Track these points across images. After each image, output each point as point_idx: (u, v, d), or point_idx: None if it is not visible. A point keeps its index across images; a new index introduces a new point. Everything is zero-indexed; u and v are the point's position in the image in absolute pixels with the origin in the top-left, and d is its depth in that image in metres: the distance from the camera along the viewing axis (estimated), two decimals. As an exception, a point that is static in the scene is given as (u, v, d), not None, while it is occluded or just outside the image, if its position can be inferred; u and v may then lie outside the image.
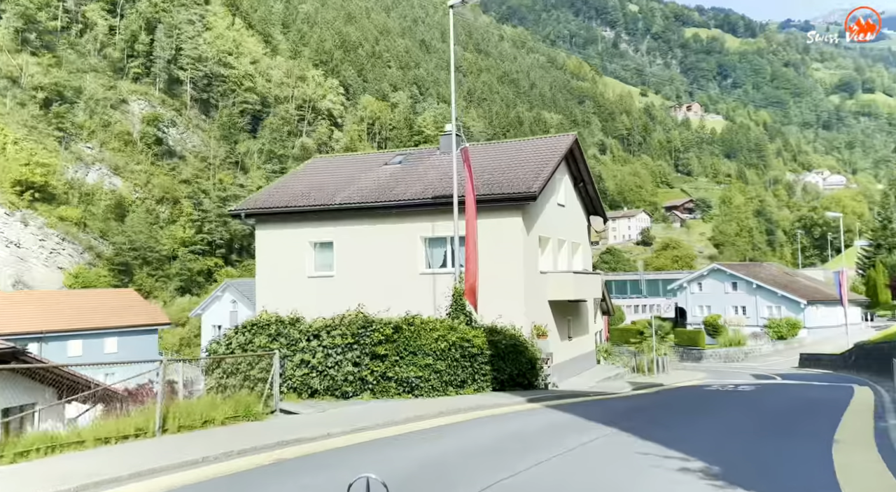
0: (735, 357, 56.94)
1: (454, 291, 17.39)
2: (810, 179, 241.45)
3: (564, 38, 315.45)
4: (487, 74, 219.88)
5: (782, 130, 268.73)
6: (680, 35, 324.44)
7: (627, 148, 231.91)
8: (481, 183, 21.57)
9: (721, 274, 64.07)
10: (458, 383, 15.83)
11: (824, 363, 44.13)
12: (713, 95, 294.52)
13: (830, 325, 61.11)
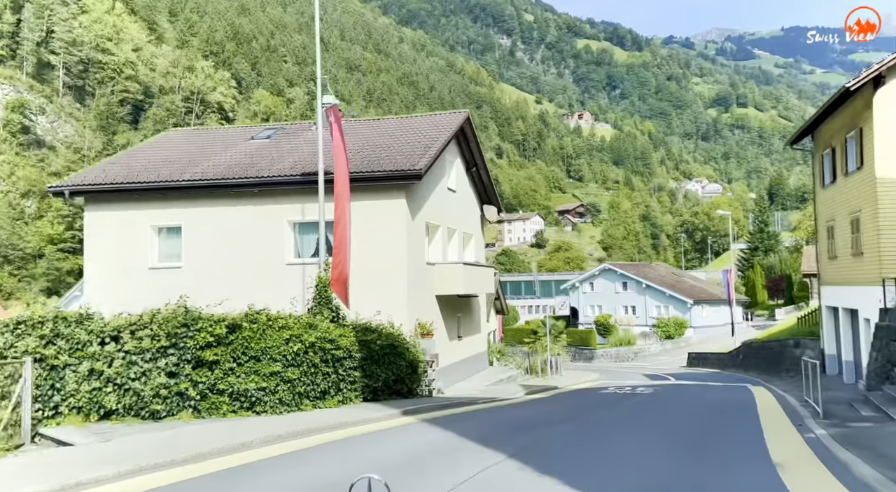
0: (625, 357, 56.45)
1: (318, 281, 14.20)
2: (691, 187, 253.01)
3: (463, 43, 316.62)
4: (387, 75, 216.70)
5: (666, 140, 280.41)
6: (572, 46, 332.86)
7: (523, 153, 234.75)
8: (360, 159, 18.50)
9: (612, 274, 63.81)
10: (317, 395, 12.67)
11: (712, 362, 43.81)
12: (603, 105, 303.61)
13: (715, 324, 61.96)
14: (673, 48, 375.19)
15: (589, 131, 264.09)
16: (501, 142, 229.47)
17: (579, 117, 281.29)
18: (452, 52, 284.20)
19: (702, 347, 54.59)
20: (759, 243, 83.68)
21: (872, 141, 20.21)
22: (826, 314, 26.39)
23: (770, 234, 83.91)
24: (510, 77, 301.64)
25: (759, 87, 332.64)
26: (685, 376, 36.36)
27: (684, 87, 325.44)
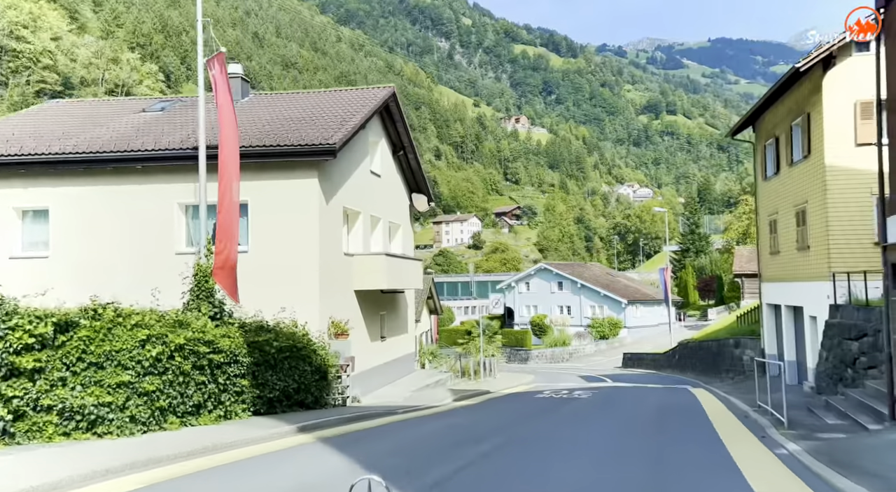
0: (560, 357, 55.11)
1: (196, 270, 11.61)
2: (623, 191, 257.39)
3: (402, 45, 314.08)
4: (324, 74, 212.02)
5: (599, 145, 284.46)
6: (509, 51, 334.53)
7: (461, 155, 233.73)
8: (266, 133, 15.94)
9: (548, 273, 62.53)
10: (187, 409, 10.13)
11: (647, 363, 42.70)
12: (539, 110, 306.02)
13: (648, 324, 61.40)
14: (606, 56, 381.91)
15: (525, 135, 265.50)
16: (440, 143, 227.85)
17: (516, 121, 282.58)
18: (391, 54, 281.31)
19: (636, 347, 53.74)
20: (691, 245, 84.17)
21: (822, 126, 18.88)
22: (767, 312, 25.19)
23: (701, 235, 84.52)
24: (449, 80, 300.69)
25: (687, 96, 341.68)
26: (622, 377, 34.94)
27: (617, 93, 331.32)
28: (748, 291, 56.33)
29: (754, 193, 26.34)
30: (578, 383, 29.48)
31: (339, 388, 15.19)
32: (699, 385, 26.23)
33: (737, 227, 65.43)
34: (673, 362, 37.61)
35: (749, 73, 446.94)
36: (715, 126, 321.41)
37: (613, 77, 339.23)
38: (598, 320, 58.26)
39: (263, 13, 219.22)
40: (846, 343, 16.28)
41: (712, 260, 78.02)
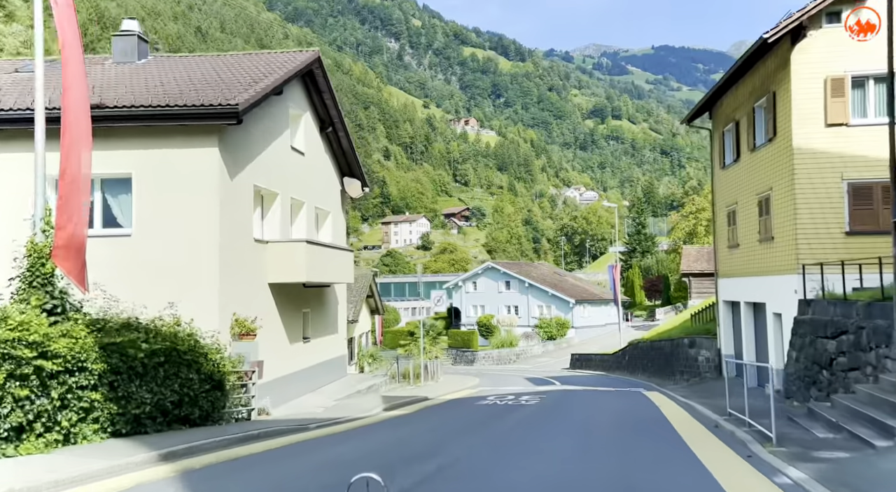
0: (507, 359, 53.19)
1: (29, 249, 8.87)
2: (570, 193, 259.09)
3: (351, 44, 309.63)
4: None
5: (547, 148, 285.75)
6: (459, 53, 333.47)
7: (410, 156, 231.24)
8: (157, 95, 13.21)
9: (495, 273, 60.62)
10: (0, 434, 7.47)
11: (596, 364, 41.03)
12: (488, 112, 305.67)
13: (596, 324, 60.07)
14: (554, 60, 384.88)
15: (475, 137, 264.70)
16: (389, 143, 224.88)
17: (465, 123, 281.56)
18: (340, 53, 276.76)
19: (584, 347, 52.22)
20: (637, 245, 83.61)
21: (789, 105, 17.14)
22: (724, 310, 23.52)
23: (647, 236, 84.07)
24: (398, 81, 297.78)
25: (632, 101, 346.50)
26: (570, 379, 33.05)
27: (564, 98, 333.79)
28: (696, 291, 55.47)
29: (711, 184, 24.66)
30: (525, 386, 27.38)
31: (243, 398, 12.61)
32: (653, 388, 24.42)
33: (683, 226, 64.85)
34: (623, 363, 35.94)
35: (691, 81, 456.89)
36: (658, 131, 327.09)
37: (561, 81, 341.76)
38: (546, 320, 56.58)
39: (207, 8, 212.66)
40: (821, 342, 14.49)
41: (658, 260, 77.48)
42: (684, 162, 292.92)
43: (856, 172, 16.72)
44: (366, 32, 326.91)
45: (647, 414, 14.89)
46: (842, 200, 16.76)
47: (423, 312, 74.11)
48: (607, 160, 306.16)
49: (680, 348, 26.17)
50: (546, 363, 49.89)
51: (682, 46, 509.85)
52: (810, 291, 16.12)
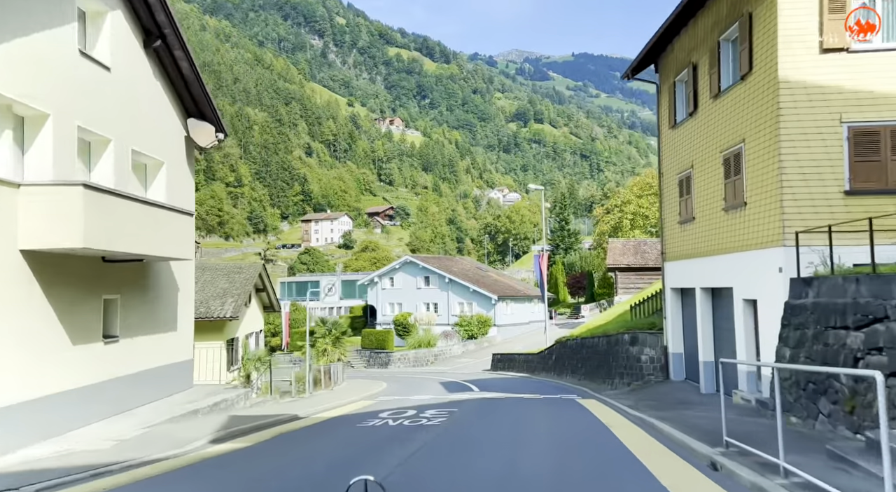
0: (425, 360, 48.30)
1: None
2: (493, 195, 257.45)
3: (273, 40, 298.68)
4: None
5: (471, 150, 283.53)
6: (384, 53, 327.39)
7: (334, 154, 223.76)
8: None
9: (414, 267, 55.63)
10: None
11: (519, 365, 36.61)
12: (413, 113, 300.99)
13: (520, 322, 55.98)
14: (478, 64, 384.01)
15: (400, 137, 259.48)
16: (311, 140, 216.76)
17: (391, 123, 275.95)
18: (261, 48, 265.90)
19: (507, 347, 47.91)
20: (560, 242, 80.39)
21: (774, 25, 12.83)
22: (672, 300, 19.25)
23: (570, 232, 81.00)
24: (322, 78, 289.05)
25: (553, 106, 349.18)
26: (491, 383, 28.36)
27: (488, 101, 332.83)
28: (623, 286, 52.07)
29: (658, 149, 20.35)
30: (437, 394, 22.45)
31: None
32: (588, 394, 19.93)
33: (608, 220, 61.71)
34: (549, 364, 31.58)
35: (609, 88, 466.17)
36: (578, 135, 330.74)
37: (485, 84, 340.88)
38: (466, 318, 52.00)
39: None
40: (835, 335, 10.14)
41: (582, 256, 74.40)
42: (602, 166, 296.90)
43: (858, 113, 12.54)
44: (288, 29, 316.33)
45: (596, 441, 10.15)
46: (840, 148, 12.56)
47: (342, 312, 68.35)
48: (530, 163, 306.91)
49: (619, 346, 21.80)
50: (466, 365, 45.29)
51: (600, 54, 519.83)
52: (806, 266, 11.82)
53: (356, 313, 61.12)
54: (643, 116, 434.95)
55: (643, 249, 52.54)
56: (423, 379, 33.79)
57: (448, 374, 37.78)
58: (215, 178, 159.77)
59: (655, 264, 52.16)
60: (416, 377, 35.96)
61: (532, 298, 57.55)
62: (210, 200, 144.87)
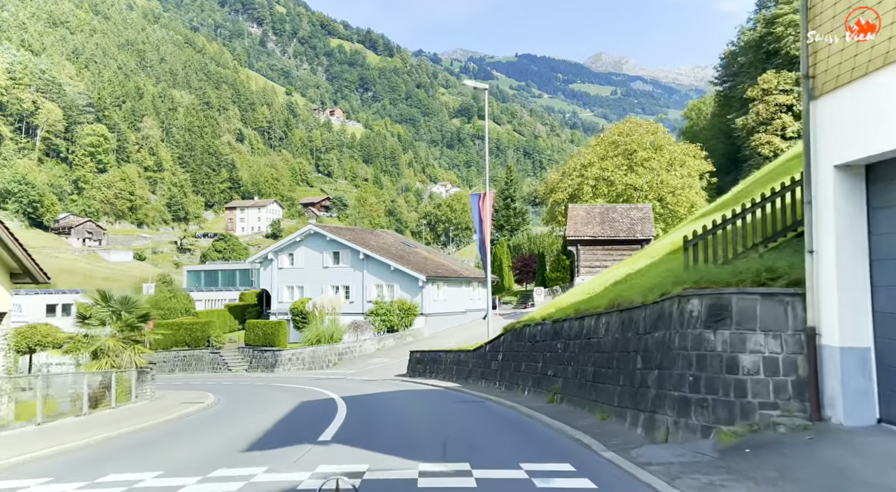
0: (325, 360, 34.70)
1: None
2: (436, 189, 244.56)
3: (209, 26, 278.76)
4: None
5: (414, 144, 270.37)
6: (326, 44, 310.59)
7: (268, 141, 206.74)
8: None
9: (319, 240, 41.90)
10: None
11: (447, 368, 23.39)
12: (355, 106, 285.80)
13: (454, 310, 42.83)
14: (422, 59, 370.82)
15: (340, 128, 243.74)
16: (244, 126, 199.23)
17: (331, 113, 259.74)
18: (195, 34, 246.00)
19: (436, 342, 34.73)
20: (505, 222, 67.69)
21: None
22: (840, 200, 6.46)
23: (516, 210, 68.42)
24: (260, 68, 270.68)
25: (497, 103, 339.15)
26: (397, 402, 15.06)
27: (432, 95, 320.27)
28: (586, 264, 39.46)
29: None
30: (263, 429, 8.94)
31: None
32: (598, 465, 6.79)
33: (565, 186, 49.38)
34: (491, 369, 18.48)
35: (551, 89, 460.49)
36: (521, 133, 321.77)
37: (429, 79, 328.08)
38: (383, 305, 38.51)
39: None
40: None
41: (531, 238, 61.96)
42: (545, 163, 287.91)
43: None
44: (225, 15, 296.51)
45: None
46: None
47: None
48: (473, 159, 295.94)
49: (670, 330, 8.49)
50: (379, 366, 31.94)
51: (543, 56, 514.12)
52: None
53: (248, 301, 46.93)
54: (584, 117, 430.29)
55: (612, 218, 40.10)
56: (304, 390, 20.31)
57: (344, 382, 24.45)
58: (129, 160, 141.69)
59: (627, 236, 39.80)
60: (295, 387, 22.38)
61: (471, 280, 44.54)
62: (120, 183, 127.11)
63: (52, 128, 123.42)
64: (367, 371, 30.42)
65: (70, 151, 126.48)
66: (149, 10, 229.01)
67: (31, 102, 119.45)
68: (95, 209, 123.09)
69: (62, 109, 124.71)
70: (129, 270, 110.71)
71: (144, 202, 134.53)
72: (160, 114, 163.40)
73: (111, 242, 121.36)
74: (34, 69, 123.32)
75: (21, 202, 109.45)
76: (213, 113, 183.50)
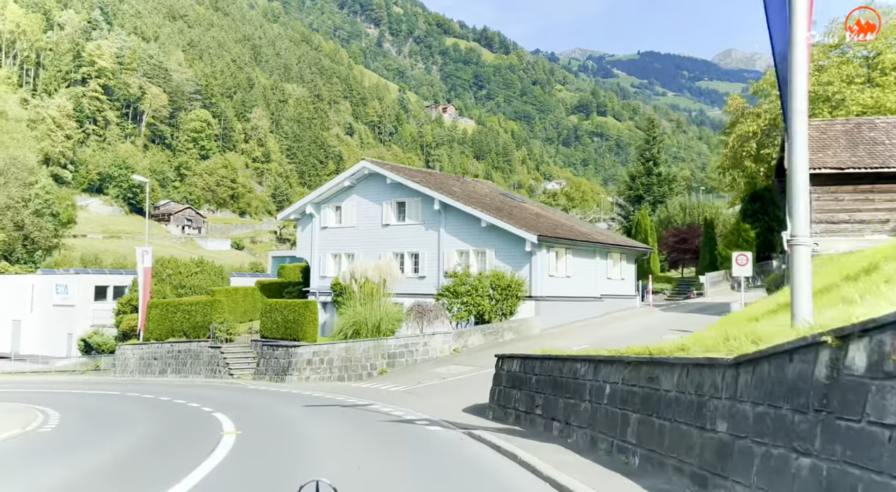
0: (363, 365, 19.90)
1: None
2: (550, 186, 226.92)
3: (328, 28, 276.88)
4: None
5: (528, 142, 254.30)
6: (441, 43, 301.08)
7: (378, 136, 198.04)
8: None
9: (378, 185, 27.22)
10: None
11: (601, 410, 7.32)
12: (468, 103, 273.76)
13: (583, 295, 26.54)
14: (539, 57, 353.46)
15: (451, 124, 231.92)
16: (354, 121, 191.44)
17: (443, 110, 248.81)
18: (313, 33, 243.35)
19: (553, 343, 18.71)
20: (645, 191, 50.12)
21: None
22: None
23: (661, 176, 50.67)
24: (376, 68, 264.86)
25: (618, 99, 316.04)
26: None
27: (548, 92, 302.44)
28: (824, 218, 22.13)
29: None
30: None
31: None
32: None
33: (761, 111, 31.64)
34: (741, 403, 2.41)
35: (676, 87, 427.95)
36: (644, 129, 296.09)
37: (545, 76, 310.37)
38: (467, 279, 23.09)
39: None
40: None
41: (685, 208, 44.38)
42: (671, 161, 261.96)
43: None
44: (344, 17, 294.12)
45: None
46: None
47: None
48: (591, 156, 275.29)
49: None
50: (451, 382, 16.60)
51: (667, 53, 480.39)
52: None
53: (288, 277, 33.04)
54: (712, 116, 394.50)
55: (870, 139, 22.40)
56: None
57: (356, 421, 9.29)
58: (234, 149, 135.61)
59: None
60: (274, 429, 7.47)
61: (610, 249, 28.08)
62: (221, 170, 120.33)
63: (157, 113, 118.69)
64: (425, 392, 15.23)
65: (174, 137, 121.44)
66: (269, 9, 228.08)
67: (138, 87, 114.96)
68: (196, 197, 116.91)
69: (167, 95, 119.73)
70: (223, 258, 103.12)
71: (247, 191, 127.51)
72: (270, 105, 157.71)
73: (210, 230, 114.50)
74: (142, 54, 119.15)
75: (121, 187, 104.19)
76: (323, 106, 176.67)
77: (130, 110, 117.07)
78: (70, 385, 25.50)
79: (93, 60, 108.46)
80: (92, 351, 35.14)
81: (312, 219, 29.06)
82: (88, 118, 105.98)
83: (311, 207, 28.98)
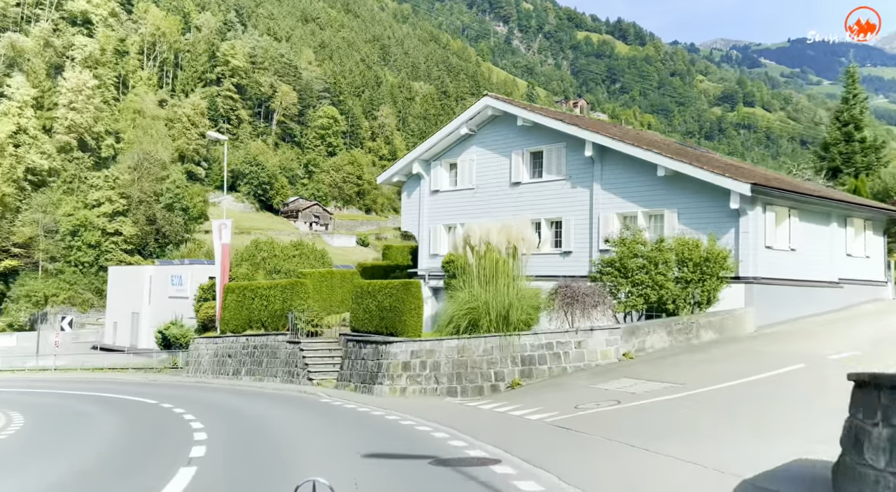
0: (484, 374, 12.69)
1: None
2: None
3: (457, 28, 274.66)
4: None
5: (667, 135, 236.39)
6: (572, 36, 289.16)
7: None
8: None
9: (506, 129, 19.64)
10: None
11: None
12: (601, 98, 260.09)
13: (812, 279, 17.61)
14: (677, 48, 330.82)
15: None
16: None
17: (574, 105, 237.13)
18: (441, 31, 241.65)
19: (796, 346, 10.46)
20: (844, 162, 39.27)
21: None
22: None
23: (866, 143, 39.57)
24: (504, 65, 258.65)
25: (767, 89, 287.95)
26: None
27: (688, 83, 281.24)
28: None
29: None
30: None
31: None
32: None
33: None
34: None
35: (833, 75, 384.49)
36: (798, 120, 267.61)
37: (685, 66, 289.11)
38: (640, 249, 15.27)
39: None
40: None
41: (910, 177, 33.37)
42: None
43: None
44: (473, 16, 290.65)
45: None
46: None
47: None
48: (737, 150, 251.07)
49: None
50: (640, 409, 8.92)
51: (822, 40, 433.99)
52: None
53: (394, 259, 26.74)
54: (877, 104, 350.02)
55: None
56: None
57: None
58: (361, 146, 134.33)
59: None
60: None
61: (851, 211, 18.96)
62: (348, 166, 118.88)
63: (287, 111, 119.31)
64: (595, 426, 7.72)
65: (302, 134, 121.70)
66: (398, 11, 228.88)
67: (269, 86, 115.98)
68: (324, 194, 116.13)
69: (297, 92, 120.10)
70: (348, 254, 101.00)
71: (373, 188, 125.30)
72: (397, 103, 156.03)
73: (337, 226, 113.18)
74: (274, 54, 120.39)
75: (252, 184, 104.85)
76: (449, 102, 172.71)
77: (262, 109, 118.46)
78: (105, 386, 20.56)
79: (227, 60, 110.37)
80: (171, 346, 30.80)
81: (420, 181, 22.38)
82: (222, 117, 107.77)
83: (419, 164, 22.27)
